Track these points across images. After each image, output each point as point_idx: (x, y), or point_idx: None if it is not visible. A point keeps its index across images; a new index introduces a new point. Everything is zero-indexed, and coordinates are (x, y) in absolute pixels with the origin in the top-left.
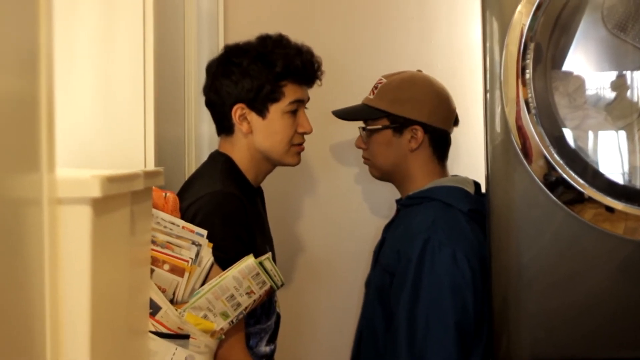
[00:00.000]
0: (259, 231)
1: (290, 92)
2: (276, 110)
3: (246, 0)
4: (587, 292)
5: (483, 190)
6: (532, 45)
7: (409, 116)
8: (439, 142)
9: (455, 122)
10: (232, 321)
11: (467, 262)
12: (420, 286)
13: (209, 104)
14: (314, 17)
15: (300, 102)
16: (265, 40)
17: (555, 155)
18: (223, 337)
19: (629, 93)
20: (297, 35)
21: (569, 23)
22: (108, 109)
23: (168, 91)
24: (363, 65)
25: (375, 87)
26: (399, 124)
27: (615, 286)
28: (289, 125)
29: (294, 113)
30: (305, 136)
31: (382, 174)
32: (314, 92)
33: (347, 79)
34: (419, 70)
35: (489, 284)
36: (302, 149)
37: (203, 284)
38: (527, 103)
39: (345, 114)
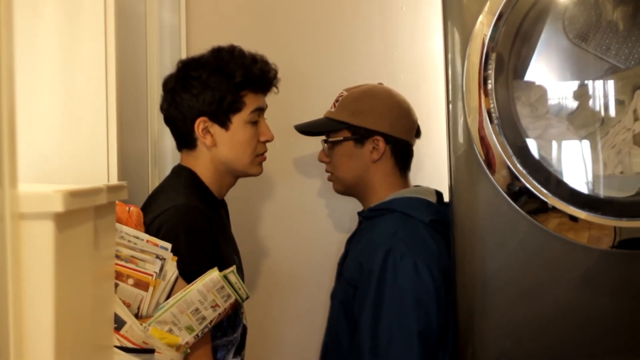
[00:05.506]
0: (224, 243)
1: (251, 101)
2: (238, 120)
3: (208, 14)
4: (553, 302)
5: (446, 199)
6: (493, 56)
7: (370, 127)
8: (401, 153)
9: (417, 133)
10: (197, 335)
11: (429, 272)
12: (383, 297)
13: (169, 120)
14: (277, 31)
15: (261, 111)
16: (219, 52)
17: (518, 165)
18: (188, 351)
19: (590, 102)
20: (259, 49)
21: (530, 33)
22: (70, 123)
23: (131, 105)
24: (326, 79)
25: (337, 100)
26: (360, 135)
27: (580, 295)
28: (252, 134)
29: (255, 123)
30: (270, 149)
31: (346, 188)
32: (277, 106)
33: (310, 93)
34: (380, 83)
35: (454, 294)
36: (265, 159)
37: (168, 297)
38: (489, 113)
39: (307, 128)
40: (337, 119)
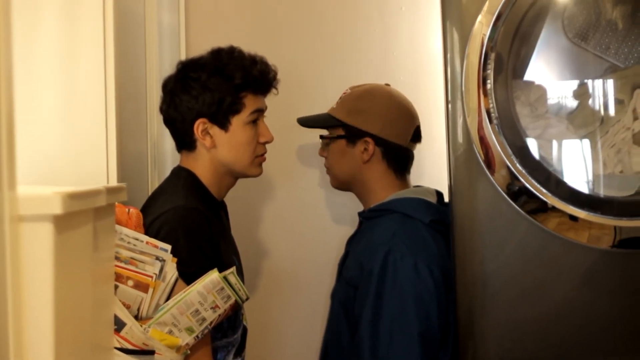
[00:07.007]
0: (224, 245)
1: (250, 103)
2: (238, 121)
3: (208, 15)
4: (553, 301)
5: (446, 199)
6: (492, 56)
7: (361, 127)
8: (394, 157)
9: (416, 138)
10: (197, 336)
11: (429, 272)
12: (383, 298)
13: (168, 122)
14: (277, 32)
15: (260, 112)
16: (219, 54)
17: (518, 164)
18: (189, 352)
19: (590, 102)
20: (260, 50)
21: (529, 33)
22: (70, 124)
23: (130, 106)
24: (326, 79)
25: (341, 98)
26: (352, 135)
27: (580, 295)
28: (252, 136)
29: (254, 123)
30: (269, 150)
31: (339, 184)
32: (277, 107)
33: (310, 94)
34: (387, 84)
35: (454, 294)
36: (264, 160)
37: (168, 299)
38: (488, 113)
39: (307, 121)
40: (334, 116)
